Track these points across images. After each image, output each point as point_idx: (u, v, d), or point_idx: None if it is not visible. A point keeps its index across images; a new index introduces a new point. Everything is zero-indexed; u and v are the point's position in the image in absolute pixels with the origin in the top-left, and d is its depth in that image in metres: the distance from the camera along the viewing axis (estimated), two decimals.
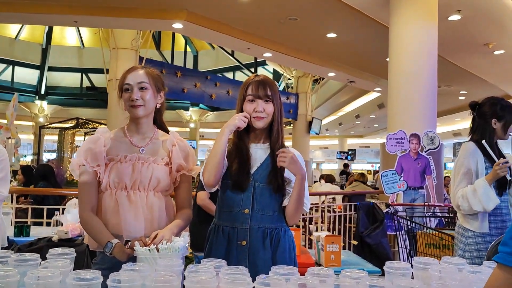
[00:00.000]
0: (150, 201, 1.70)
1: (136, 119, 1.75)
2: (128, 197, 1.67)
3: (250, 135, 1.84)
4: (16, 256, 1.33)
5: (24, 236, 3.16)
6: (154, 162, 1.72)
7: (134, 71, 1.74)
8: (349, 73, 10.54)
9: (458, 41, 7.45)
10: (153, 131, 1.79)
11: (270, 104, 1.78)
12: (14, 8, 7.17)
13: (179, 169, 1.77)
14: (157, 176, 1.70)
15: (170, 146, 1.78)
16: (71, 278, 1.14)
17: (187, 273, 1.23)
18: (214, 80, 11.08)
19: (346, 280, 1.20)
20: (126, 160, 1.69)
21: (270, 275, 1.25)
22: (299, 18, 7.20)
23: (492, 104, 2.50)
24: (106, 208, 1.67)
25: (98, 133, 1.73)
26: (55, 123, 12.28)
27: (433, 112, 5.13)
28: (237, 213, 1.75)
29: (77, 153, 1.72)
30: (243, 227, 1.73)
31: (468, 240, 2.45)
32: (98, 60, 11.16)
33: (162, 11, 7.24)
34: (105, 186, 1.68)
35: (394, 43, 5.30)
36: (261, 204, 1.75)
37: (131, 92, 1.71)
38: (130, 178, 1.67)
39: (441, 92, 9.25)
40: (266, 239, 1.73)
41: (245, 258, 1.70)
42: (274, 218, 1.76)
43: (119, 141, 1.74)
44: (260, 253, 1.71)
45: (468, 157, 2.47)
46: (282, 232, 1.77)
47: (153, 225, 1.68)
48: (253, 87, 1.78)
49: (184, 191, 1.82)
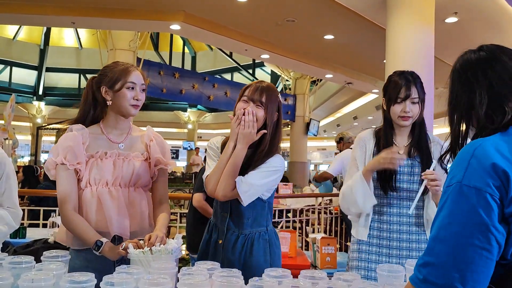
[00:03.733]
0: (132, 196, 1.70)
1: (124, 117, 1.73)
2: (109, 194, 1.66)
3: None
4: (10, 258, 1.33)
5: (20, 237, 3.16)
6: (134, 158, 1.72)
7: (135, 70, 1.73)
8: (347, 74, 10.56)
9: (455, 43, 7.47)
10: (129, 127, 1.79)
11: (261, 110, 1.74)
12: (11, 9, 7.16)
13: (157, 163, 1.77)
14: (138, 172, 1.71)
15: (147, 141, 1.78)
16: (65, 281, 1.14)
17: (180, 275, 1.24)
18: (212, 82, 11.09)
19: (338, 283, 1.20)
20: (106, 157, 1.68)
21: (263, 277, 1.26)
22: (297, 19, 7.22)
23: (387, 80, 1.97)
24: (87, 205, 1.64)
25: (74, 130, 1.68)
26: (52, 124, 12.27)
27: (430, 114, 5.14)
28: (221, 214, 1.82)
29: (52, 151, 1.67)
30: (222, 227, 1.80)
31: (352, 246, 1.98)
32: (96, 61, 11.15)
33: (159, 12, 7.25)
34: (85, 183, 1.66)
35: (391, 45, 5.32)
36: (236, 211, 1.78)
37: (135, 91, 1.69)
38: (111, 175, 1.66)
39: (439, 93, 9.26)
40: (237, 242, 1.77)
41: (220, 256, 1.76)
42: (248, 224, 1.78)
43: (96, 137, 1.72)
44: (231, 254, 1.76)
45: (355, 147, 2.01)
46: (256, 236, 1.79)
47: (136, 221, 1.69)
48: (251, 90, 1.78)
49: (162, 185, 1.83)
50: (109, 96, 1.69)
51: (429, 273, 0.84)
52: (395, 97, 1.87)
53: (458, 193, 0.84)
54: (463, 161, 0.87)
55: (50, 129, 12.06)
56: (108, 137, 1.73)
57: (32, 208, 4.35)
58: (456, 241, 0.83)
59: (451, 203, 0.85)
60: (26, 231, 3.28)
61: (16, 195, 1.87)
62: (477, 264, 0.81)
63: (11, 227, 1.85)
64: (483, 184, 0.82)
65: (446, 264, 0.83)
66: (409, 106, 1.86)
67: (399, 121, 1.89)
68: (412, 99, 1.86)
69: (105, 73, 1.71)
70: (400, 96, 1.86)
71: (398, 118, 1.88)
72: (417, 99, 1.87)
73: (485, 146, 0.86)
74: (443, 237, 0.85)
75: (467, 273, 0.81)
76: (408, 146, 1.92)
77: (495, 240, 0.82)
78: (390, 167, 1.79)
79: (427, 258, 0.87)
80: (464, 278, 0.81)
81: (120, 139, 1.75)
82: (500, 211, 0.82)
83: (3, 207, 1.83)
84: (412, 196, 1.86)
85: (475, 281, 0.82)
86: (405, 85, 1.87)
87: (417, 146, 1.90)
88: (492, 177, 0.82)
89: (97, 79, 1.73)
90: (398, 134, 1.95)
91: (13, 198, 1.85)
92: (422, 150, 1.90)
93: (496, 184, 0.82)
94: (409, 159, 1.89)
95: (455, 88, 1.04)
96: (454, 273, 0.82)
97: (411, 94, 1.86)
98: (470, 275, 0.81)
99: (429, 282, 0.84)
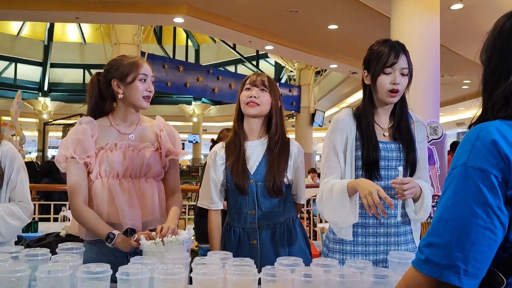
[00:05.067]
0: (143, 187, 1.71)
1: (135, 109, 1.75)
2: (120, 185, 1.67)
3: (245, 132, 1.83)
4: (26, 251, 1.36)
5: (32, 231, 3.20)
6: (144, 148, 1.72)
7: (145, 63, 1.74)
8: (351, 64, 10.50)
9: (461, 30, 7.41)
10: (138, 118, 1.80)
11: (266, 93, 1.77)
12: (15, 5, 7.18)
13: (168, 153, 1.78)
14: (148, 162, 1.71)
15: (158, 131, 1.78)
16: (82, 271, 1.17)
17: (194, 265, 1.26)
18: (216, 74, 11.08)
19: (351, 270, 1.22)
20: (116, 148, 1.68)
21: (275, 266, 1.27)
22: (300, 10, 7.17)
23: (369, 51, 1.67)
24: (98, 197, 1.65)
25: (83, 123, 1.69)
26: (59, 119, 12.33)
27: (436, 102, 5.12)
28: (246, 215, 1.77)
29: (61, 145, 1.68)
30: (252, 227, 1.76)
31: (333, 245, 1.67)
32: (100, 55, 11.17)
33: (163, 5, 7.23)
34: (96, 175, 1.67)
35: (395, 34, 5.28)
36: (266, 203, 1.76)
37: (147, 83, 1.71)
38: (121, 166, 1.67)
39: (444, 82, 9.21)
40: (276, 234, 1.75)
41: (257, 256, 1.72)
42: (281, 212, 1.77)
43: (106, 129, 1.72)
44: (272, 250, 1.74)
45: (333, 131, 1.68)
46: (291, 223, 1.79)
47: (147, 212, 1.69)
48: (251, 77, 1.81)
49: (173, 175, 1.83)
50: (121, 89, 1.70)
51: (432, 253, 0.85)
52: (382, 67, 1.57)
53: (463, 174, 0.85)
54: (468, 144, 0.88)
55: (57, 124, 12.11)
56: (117, 129, 1.74)
57: (42, 202, 4.39)
58: (460, 221, 0.83)
59: (456, 184, 0.86)
60: (38, 225, 3.32)
61: (27, 189, 1.89)
62: (481, 244, 0.82)
63: (23, 221, 1.88)
64: (488, 165, 0.83)
65: (449, 243, 0.83)
66: (399, 78, 1.58)
67: (386, 97, 1.60)
68: (401, 69, 1.58)
69: (115, 67, 1.71)
70: (388, 64, 1.57)
71: (387, 93, 1.59)
72: (407, 70, 1.59)
73: (490, 129, 0.87)
74: (447, 217, 0.85)
75: (470, 253, 0.82)
76: (391, 128, 1.67)
77: (499, 221, 0.82)
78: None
79: (430, 238, 0.87)
80: (467, 258, 0.82)
81: (130, 130, 1.75)
82: (504, 192, 0.83)
83: (14, 202, 1.85)
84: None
85: (477, 261, 0.82)
86: (393, 51, 1.58)
87: (398, 127, 1.66)
88: (496, 158, 0.83)
89: (106, 73, 1.73)
90: (381, 113, 1.67)
91: (24, 193, 1.87)
92: (404, 133, 1.65)
93: (500, 165, 0.83)
94: (396, 142, 1.65)
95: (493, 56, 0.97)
96: (457, 252, 0.82)
97: (399, 62, 1.58)
98: (473, 255, 0.82)
99: (431, 262, 0.84)
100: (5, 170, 1.81)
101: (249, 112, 1.77)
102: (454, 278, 0.82)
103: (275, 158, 1.76)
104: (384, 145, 1.63)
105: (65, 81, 18.39)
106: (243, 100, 1.78)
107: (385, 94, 1.61)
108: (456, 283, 0.83)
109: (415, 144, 1.65)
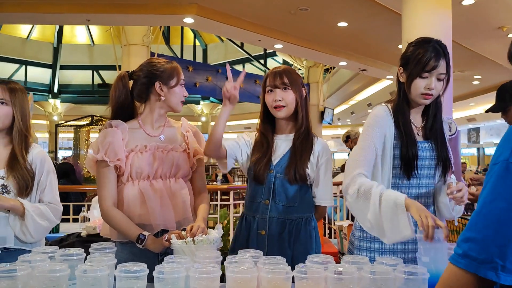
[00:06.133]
0: (173, 188, 1.73)
1: (173, 111, 1.79)
2: (151, 187, 1.69)
3: (275, 127, 1.87)
4: (62, 251, 1.39)
5: (54, 232, 3.25)
6: (173, 149, 1.75)
7: (181, 69, 1.80)
8: (361, 61, 10.47)
9: (472, 26, 7.35)
10: (165, 119, 1.83)
11: (290, 91, 1.79)
12: (26, 9, 7.23)
13: (195, 153, 1.81)
14: (177, 163, 1.74)
15: (185, 132, 1.82)
16: (119, 270, 1.19)
17: (227, 263, 1.28)
18: (225, 73, 10.95)
19: (383, 267, 1.23)
20: (146, 150, 1.71)
21: (307, 263, 1.29)
22: (310, 8, 7.17)
23: (410, 48, 1.66)
24: (129, 199, 1.68)
25: (113, 125, 1.71)
26: (70, 121, 12.44)
27: (449, 99, 5.09)
28: (259, 204, 1.80)
29: (92, 147, 1.71)
30: (263, 217, 1.78)
31: (359, 243, 1.68)
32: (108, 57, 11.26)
33: (172, 6, 7.26)
34: (127, 177, 1.69)
35: (407, 30, 5.26)
36: (282, 195, 1.77)
37: (183, 88, 1.78)
38: (152, 167, 1.69)
39: (455, 77, 9.14)
40: (285, 230, 1.76)
41: (264, 247, 1.73)
42: (294, 209, 1.78)
43: (135, 131, 1.75)
44: (278, 244, 1.75)
45: (373, 127, 1.65)
46: (303, 223, 1.79)
47: (179, 212, 1.71)
48: (271, 77, 1.82)
49: (200, 175, 1.87)
50: (163, 92, 1.73)
51: (470, 248, 0.85)
52: (420, 70, 1.57)
53: (504, 170, 0.85)
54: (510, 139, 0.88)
55: (68, 126, 12.24)
56: (146, 131, 1.76)
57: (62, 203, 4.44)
58: (499, 217, 0.83)
59: (496, 180, 0.86)
60: (60, 226, 3.37)
61: (56, 191, 1.93)
62: None
63: (52, 222, 1.91)
64: None
65: (487, 238, 0.84)
66: (434, 83, 1.58)
67: (419, 99, 1.60)
68: (439, 74, 1.58)
69: (159, 69, 1.73)
70: (427, 69, 1.56)
71: (419, 95, 1.59)
72: (444, 75, 1.59)
73: None
74: (486, 213, 0.85)
75: (507, 248, 0.82)
76: (424, 128, 1.68)
77: None
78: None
79: (468, 233, 0.87)
80: (504, 254, 0.82)
81: (158, 132, 1.78)
82: None
83: (44, 202, 1.89)
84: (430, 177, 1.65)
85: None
86: (434, 56, 1.56)
87: (432, 127, 1.67)
88: None
89: (149, 74, 1.74)
90: (414, 112, 1.68)
91: (53, 194, 1.91)
92: (438, 133, 1.68)
93: None
94: (429, 141, 1.66)
95: None
96: (494, 247, 0.83)
97: (438, 67, 1.56)
98: (510, 250, 0.82)
99: (469, 257, 0.85)
100: (36, 172, 1.85)
101: (278, 115, 1.81)
102: (491, 273, 0.83)
103: (298, 149, 1.79)
104: (418, 144, 1.63)
105: (74, 83, 18.53)
106: (270, 105, 1.81)
107: (417, 97, 1.62)
108: (493, 279, 0.83)
109: (447, 143, 1.67)
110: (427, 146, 1.66)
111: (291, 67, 1.90)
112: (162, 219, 1.67)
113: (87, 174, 9.80)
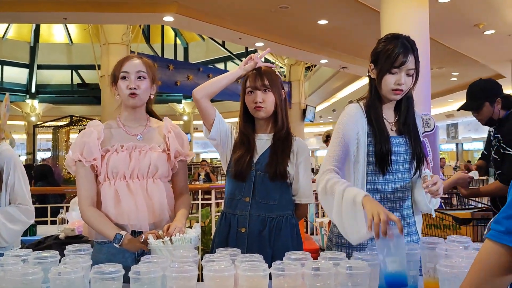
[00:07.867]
0: (150, 189, 1.70)
1: (131, 108, 1.74)
2: (127, 186, 1.67)
3: (255, 126, 1.88)
4: (35, 254, 1.35)
5: (31, 235, 3.18)
6: (151, 149, 1.72)
7: (131, 59, 1.73)
8: (342, 59, 10.56)
9: (449, 23, 7.48)
10: (146, 119, 1.80)
11: (270, 93, 1.80)
12: (1, 8, 7.09)
13: (177, 155, 1.78)
14: (155, 163, 1.71)
15: (166, 133, 1.79)
16: (94, 272, 1.17)
17: (204, 262, 1.27)
18: (206, 72, 11.04)
19: (359, 262, 1.24)
20: (122, 150, 1.69)
21: (284, 261, 1.29)
22: (290, 6, 7.19)
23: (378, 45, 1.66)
24: (106, 199, 1.66)
25: (90, 126, 1.72)
26: (48, 121, 12.22)
27: (427, 95, 5.17)
28: (239, 201, 1.80)
29: (71, 149, 1.70)
30: (243, 214, 1.78)
31: (337, 240, 1.69)
32: (87, 56, 11.10)
33: (152, 4, 7.20)
34: (103, 177, 1.68)
35: (385, 28, 5.32)
36: (262, 193, 1.78)
37: (129, 80, 1.69)
38: (128, 167, 1.67)
39: (433, 74, 9.29)
40: (265, 228, 1.76)
41: (244, 245, 1.73)
42: (275, 206, 1.78)
43: (114, 131, 1.73)
44: (258, 241, 1.75)
45: (343, 124, 1.65)
46: (284, 221, 1.79)
47: (155, 213, 1.69)
48: (251, 78, 1.82)
49: (182, 177, 1.85)
50: (116, 91, 1.73)
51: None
52: (389, 66, 1.58)
53: None
54: None
55: (47, 126, 12.01)
56: (125, 130, 1.74)
57: (37, 206, 4.36)
58: None
59: None
60: (37, 229, 3.30)
61: (27, 190, 1.89)
62: None
63: (25, 223, 1.87)
64: None
65: None
66: (404, 78, 1.59)
67: (390, 95, 1.62)
68: (408, 69, 1.59)
69: (112, 70, 1.76)
70: (396, 65, 1.57)
71: (390, 91, 1.61)
72: (413, 71, 1.60)
73: None
74: None
75: None
76: (397, 123, 1.69)
77: None
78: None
79: (510, 210, 0.87)
80: None
81: (138, 131, 1.76)
82: None
83: (15, 204, 1.84)
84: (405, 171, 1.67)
85: None
86: (403, 51, 1.57)
87: (405, 122, 1.68)
88: None
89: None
90: (386, 107, 1.69)
91: (24, 194, 1.87)
92: (412, 127, 1.68)
93: None
94: (403, 136, 1.67)
95: None
96: None
97: (407, 62, 1.58)
98: None
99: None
100: (3, 170, 1.81)
101: (258, 115, 1.82)
102: None
103: (278, 147, 1.80)
104: (392, 139, 1.64)
105: (52, 83, 18.22)
106: (250, 106, 1.82)
107: (388, 92, 1.62)
108: None
109: (420, 137, 1.69)
110: (401, 141, 1.67)
111: (269, 67, 1.89)
112: (136, 220, 1.65)
113: (67, 175, 9.64)
